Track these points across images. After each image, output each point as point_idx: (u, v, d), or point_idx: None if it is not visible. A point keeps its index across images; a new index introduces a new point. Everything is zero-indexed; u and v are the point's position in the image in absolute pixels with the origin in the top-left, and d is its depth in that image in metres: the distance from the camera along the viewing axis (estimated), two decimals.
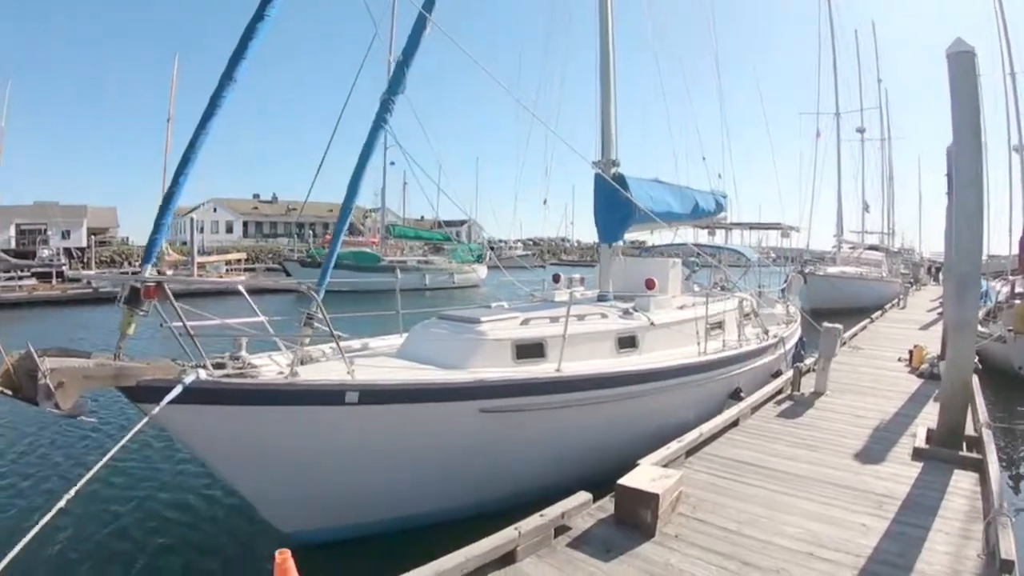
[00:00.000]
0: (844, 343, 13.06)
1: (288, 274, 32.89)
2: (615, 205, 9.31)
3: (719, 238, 14.18)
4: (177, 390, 4.36)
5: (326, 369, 5.86)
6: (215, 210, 61.83)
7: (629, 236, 11.50)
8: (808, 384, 9.55)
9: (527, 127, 10.21)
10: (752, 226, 14.96)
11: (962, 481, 5.82)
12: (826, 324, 9.48)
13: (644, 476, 4.97)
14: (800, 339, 12.46)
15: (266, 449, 5.03)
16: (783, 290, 13.48)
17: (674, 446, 6.28)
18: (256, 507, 5.46)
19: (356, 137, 6.63)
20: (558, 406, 6.28)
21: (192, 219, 36.99)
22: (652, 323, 8.26)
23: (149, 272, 5.29)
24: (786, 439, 7.15)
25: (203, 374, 4.61)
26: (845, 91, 33.84)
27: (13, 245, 41.31)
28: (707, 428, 6.96)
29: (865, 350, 13.18)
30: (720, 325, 9.67)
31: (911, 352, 11.75)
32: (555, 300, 9.66)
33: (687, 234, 14.61)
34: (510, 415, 5.95)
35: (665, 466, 5.93)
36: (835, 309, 21.44)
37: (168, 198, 5.46)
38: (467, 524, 4.92)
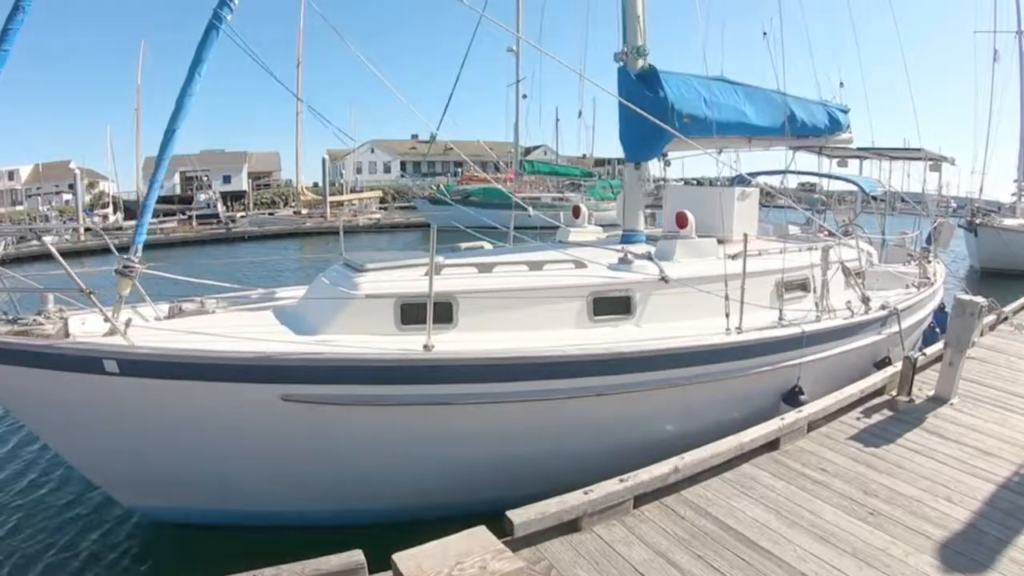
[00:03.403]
0: (1005, 318, 8.90)
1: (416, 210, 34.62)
2: (645, 110, 6.47)
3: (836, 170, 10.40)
4: None
5: (170, 327, 4.81)
6: (372, 151, 64.13)
7: (676, 155, 8.23)
8: (928, 383, 6.30)
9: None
10: (890, 155, 10.76)
11: None
12: (959, 295, 6.03)
13: (444, 556, 2.71)
14: (939, 311, 8.73)
15: (53, 415, 4.49)
16: (928, 240, 9.59)
17: (609, 487, 3.91)
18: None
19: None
20: (430, 402, 4.38)
21: (324, 160, 38.86)
22: (663, 278, 5.67)
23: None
24: (838, 488, 4.31)
25: None
26: None
27: (178, 191, 46.30)
28: (691, 459, 4.39)
29: None
30: (801, 286, 6.72)
31: None
32: (568, 240, 7.41)
33: (808, 162, 10.93)
34: (335, 409, 4.27)
35: (579, 519, 3.68)
36: (1010, 271, 17.92)
37: None
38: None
